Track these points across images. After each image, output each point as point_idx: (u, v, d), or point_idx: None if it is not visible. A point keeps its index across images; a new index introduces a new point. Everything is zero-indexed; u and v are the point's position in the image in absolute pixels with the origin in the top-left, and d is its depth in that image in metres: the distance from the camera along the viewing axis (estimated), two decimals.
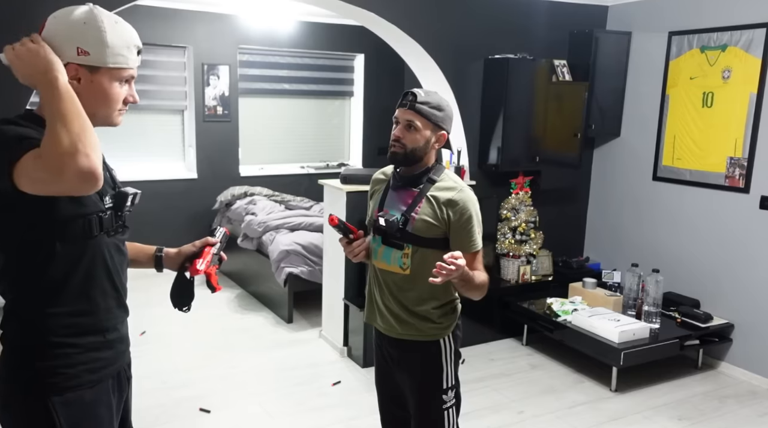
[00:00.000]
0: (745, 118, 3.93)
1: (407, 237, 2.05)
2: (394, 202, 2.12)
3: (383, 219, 2.05)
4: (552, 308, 4.19)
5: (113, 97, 1.46)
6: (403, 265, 2.07)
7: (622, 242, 4.83)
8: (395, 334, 2.13)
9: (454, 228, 2.05)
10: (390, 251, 2.08)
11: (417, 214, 2.05)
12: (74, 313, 1.46)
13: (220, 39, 6.20)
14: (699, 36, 4.19)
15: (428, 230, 2.05)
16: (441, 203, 2.05)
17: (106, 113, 1.48)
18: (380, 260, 2.12)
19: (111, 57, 1.43)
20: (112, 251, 1.53)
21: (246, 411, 3.46)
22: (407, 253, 2.06)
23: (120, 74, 1.46)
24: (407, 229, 2.05)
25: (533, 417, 3.46)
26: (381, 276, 2.14)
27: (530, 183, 4.60)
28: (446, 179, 2.11)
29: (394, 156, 2.08)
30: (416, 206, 2.06)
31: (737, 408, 3.67)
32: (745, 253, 4.00)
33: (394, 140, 2.06)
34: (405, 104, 2.04)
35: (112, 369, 1.55)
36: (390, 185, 2.17)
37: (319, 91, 7.05)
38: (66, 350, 1.45)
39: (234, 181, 6.37)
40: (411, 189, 2.10)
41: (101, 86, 1.44)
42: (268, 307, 5.09)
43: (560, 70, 4.47)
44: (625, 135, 4.78)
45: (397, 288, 2.10)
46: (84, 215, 1.43)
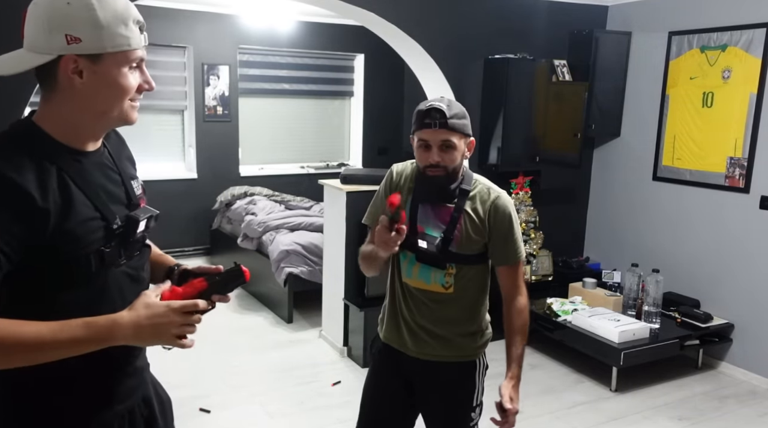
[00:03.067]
0: (745, 118, 3.93)
1: (450, 257, 1.91)
2: (429, 219, 1.94)
3: (425, 243, 1.88)
4: (552, 308, 4.19)
5: (125, 88, 1.23)
6: (446, 284, 1.93)
7: (622, 242, 4.83)
8: (430, 356, 1.97)
9: (495, 238, 1.93)
10: (429, 270, 1.93)
11: (460, 232, 1.91)
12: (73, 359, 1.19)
13: (220, 39, 6.21)
14: (699, 36, 4.19)
15: (472, 247, 1.93)
16: (480, 215, 1.92)
17: (120, 108, 1.24)
18: (416, 279, 1.95)
19: (109, 40, 1.18)
20: (123, 284, 1.30)
21: (246, 411, 3.46)
22: (451, 273, 1.92)
23: (127, 58, 1.21)
24: (450, 249, 1.90)
25: (533, 417, 3.46)
26: (417, 295, 1.97)
27: (530, 183, 4.60)
28: (478, 185, 1.97)
29: (437, 180, 1.88)
30: (457, 224, 1.91)
31: (737, 408, 3.67)
32: (745, 253, 4.00)
33: (432, 165, 1.86)
34: (433, 124, 1.82)
35: (120, 408, 1.34)
36: (416, 198, 1.96)
37: (319, 91, 7.05)
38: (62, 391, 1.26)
39: (234, 181, 6.37)
40: (444, 205, 1.93)
41: (109, 76, 1.20)
42: (268, 307, 5.09)
43: (560, 70, 4.47)
44: (625, 135, 4.78)
45: (439, 308, 1.95)
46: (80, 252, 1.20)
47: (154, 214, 1.37)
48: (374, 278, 3.99)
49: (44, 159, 1.17)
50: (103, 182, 1.29)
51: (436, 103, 1.84)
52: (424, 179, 1.91)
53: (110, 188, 1.30)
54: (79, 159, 1.24)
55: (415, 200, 1.96)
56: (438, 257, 1.90)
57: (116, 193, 1.31)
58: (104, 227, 1.24)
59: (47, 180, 1.16)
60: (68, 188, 1.19)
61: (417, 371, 2.01)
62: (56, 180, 1.18)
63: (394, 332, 2.03)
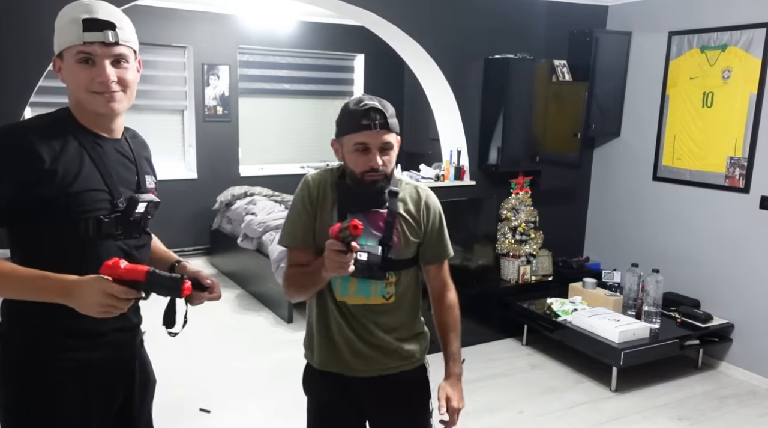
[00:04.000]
0: (745, 118, 3.93)
1: (390, 265, 1.75)
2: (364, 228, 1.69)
3: (365, 254, 1.65)
4: (552, 308, 4.19)
5: (75, 81, 1.40)
6: (387, 294, 1.79)
7: (622, 242, 4.83)
8: (379, 371, 1.83)
9: (429, 238, 1.83)
10: (367, 284, 1.76)
11: (398, 238, 1.76)
12: (57, 311, 1.35)
13: (220, 39, 6.21)
14: (699, 36, 4.19)
15: (409, 250, 1.81)
16: (415, 216, 1.80)
17: (81, 99, 1.42)
18: (354, 296, 1.77)
19: (58, 38, 1.41)
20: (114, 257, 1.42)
21: (246, 411, 3.46)
22: (391, 282, 1.79)
23: (72, 54, 1.39)
24: (390, 256, 1.74)
25: (533, 417, 3.46)
26: (353, 312, 1.79)
27: (530, 183, 4.60)
28: (404, 185, 1.83)
29: (376, 185, 1.70)
30: (393, 229, 1.76)
31: (737, 408, 3.67)
32: (745, 253, 4.00)
33: (372, 170, 1.68)
34: (372, 126, 1.65)
35: (99, 374, 1.49)
36: (343, 204, 1.76)
37: (319, 91, 7.06)
38: (44, 344, 1.43)
39: (234, 181, 6.37)
40: (377, 211, 1.75)
41: (68, 71, 1.41)
42: (268, 307, 5.09)
43: (560, 70, 4.47)
44: (625, 135, 4.78)
45: (381, 320, 1.81)
46: (80, 216, 1.39)
47: (154, 200, 1.51)
48: None
49: (69, 135, 1.41)
50: (117, 166, 1.48)
51: (371, 102, 1.68)
52: (360, 185, 1.72)
53: (122, 172, 1.49)
54: (100, 143, 1.46)
55: (342, 210, 1.75)
56: (378, 268, 1.71)
57: (128, 178, 1.50)
58: (109, 201, 1.43)
59: (64, 149, 1.38)
60: (83, 161, 1.41)
61: (365, 390, 1.85)
62: (75, 152, 1.40)
63: (331, 356, 1.83)
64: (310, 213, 1.79)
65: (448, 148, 4.52)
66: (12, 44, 3.06)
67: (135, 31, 1.47)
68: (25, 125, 1.39)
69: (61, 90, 6.36)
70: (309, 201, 1.80)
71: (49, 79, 4.41)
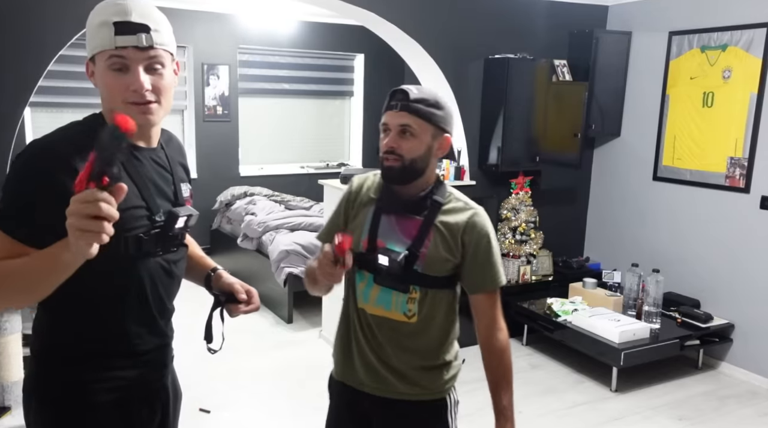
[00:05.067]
0: (746, 118, 3.93)
1: (415, 278, 1.62)
2: (393, 232, 1.65)
3: (386, 259, 1.60)
4: (552, 308, 4.19)
5: (107, 88, 1.29)
6: (408, 312, 1.64)
7: (622, 242, 4.83)
8: (392, 394, 1.68)
9: (470, 260, 1.64)
10: (389, 294, 1.64)
11: (427, 249, 1.62)
12: (98, 334, 1.34)
13: (220, 39, 6.21)
14: (699, 36, 4.18)
15: (441, 268, 1.63)
16: (453, 231, 1.63)
17: (115, 109, 1.28)
18: (374, 305, 1.66)
19: (90, 41, 1.29)
20: (154, 274, 1.38)
21: (246, 411, 3.46)
22: (413, 297, 1.63)
23: (103, 59, 1.27)
24: (415, 268, 1.61)
25: (533, 417, 3.46)
26: (374, 323, 1.67)
27: (530, 183, 4.60)
28: (453, 200, 1.68)
29: (390, 171, 1.61)
30: (425, 240, 1.62)
31: (737, 408, 3.67)
32: (745, 253, 4.00)
33: (387, 151, 1.60)
34: (395, 106, 1.60)
35: (138, 392, 1.44)
36: (380, 208, 1.68)
37: (319, 91, 7.05)
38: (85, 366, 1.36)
39: (234, 181, 6.37)
40: (412, 216, 1.65)
41: (99, 77, 1.30)
42: (268, 307, 5.09)
43: (560, 70, 4.47)
44: (625, 135, 4.78)
45: (400, 340, 1.66)
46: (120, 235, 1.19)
47: (194, 214, 1.45)
48: None
49: None
50: (154, 177, 1.40)
51: (406, 86, 1.62)
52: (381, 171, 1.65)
53: (160, 184, 1.41)
54: (135, 154, 1.36)
55: (378, 210, 1.67)
56: (400, 278, 1.62)
57: (165, 189, 1.42)
58: (147, 216, 1.34)
59: None
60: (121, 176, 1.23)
61: (376, 410, 1.70)
62: None
63: (347, 366, 1.72)
64: (345, 213, 1.75)
65: None
66: (12, 44, 3.06)
67: (173, 32, 1.36)
68: (59, 139, 1.27)
69: (61, 90, 6.33)
70: (347, 201, 1.76)
71: (49, 79, 4.42)
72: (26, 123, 5.58)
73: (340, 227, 1.73)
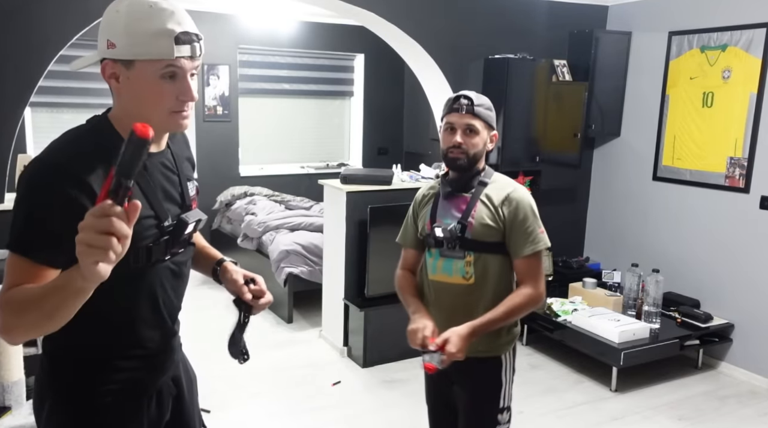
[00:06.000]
0: (745, 118, 3.93)
1: (467, 244, 1.98)
2: (447, 210, 2.05)
3: (440, 229, 1.99)
4: (552, 308, 4.19)
5: (155, 96, 1.26)
6: (466, 274, 1.99)
7: (622, 242, 4.83)
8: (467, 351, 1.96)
9: (509, 230, 1.98)
10: (450, 262, 2.01)
11: (474, 219, 1.98)
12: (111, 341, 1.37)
13: (220, 39, 6.20)
14: (699, 36, 4.19)
15: (487, 233, 1.98)
16: (496, 203, 1.99)
17: (159, 116, 1.27)
18: (440, 273, 2.03)
19: (137, 47, 1.23)
20: (164, 279, 1.41)
21: (246, 411, 3.46)
22: (469, 261, 1.99)
23: (156, 67, 1.24)
24: (466, 236, 1.98)
25: (533, 417, 3.46)
26: (440, 290, 2.04)
27: (530, 183, 4.60)
28: (498, 180, 2.07)
29: (455, 162, 2.00)
30: (471, 211, 1.99)
31: (737, 408, 3.67)
32: (745, 253, 4.00)
33: (454, 146, 1.98)
34: (460, 109, 1.98)
35: (150, 388, 1.47)
36: (440, 195, 2.09)
37: (319, 91, 7.05)
38: (98, 369, 1.38)
39: (234, 181, 6.37)
40: (462, 195, 2.03)
41: (140, 83, 1.25)
42: (268, 307, 5.08)
43: (560, 70, 4.47)
44: (625, 135, 4.78)
45: (461, 300, 2.00)
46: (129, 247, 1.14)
47: (202, 218, 1.48)
48: (374, 278, 4.00)
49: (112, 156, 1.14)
50: (162, 182, 1.39)
51: (467, 92, 2.01)
52: (446, 162, 2.03)
53: (168, 188, 1.40)
54: (145, 162, 1.31)
55: (437, 198, 2.09)
56: (455, 245, 1.98)
57: (172, 193, 1.42)
58: (156, 225, 1.34)
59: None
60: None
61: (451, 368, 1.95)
62: None
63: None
64: (414, 216, 2.15)
65: None
66: (12, 44, 3.06)
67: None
68: (69, 156, 1.22)
69: (61, 90, 6.32)
70: (413, 209, 2.17)
71: (49, 79, 4.42)
72: (26, 123, 5.58)
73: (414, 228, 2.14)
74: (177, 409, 1.60)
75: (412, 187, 4.17)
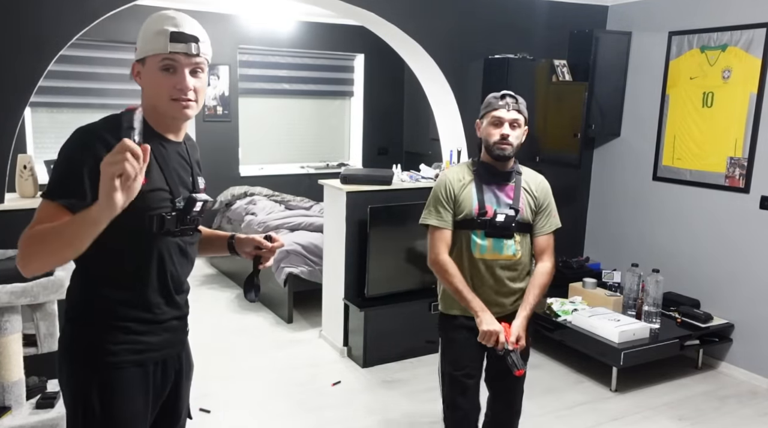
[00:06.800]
0: (745, 118, 3.93)
1: (518, 227, 2.35)
2: (497, 198, 2.38)
3: (502, 216, 2.32)
4: (552, 308, 4.19)
5: (155, 87, 1.52)
6: (516, 252, 2.38)
7: (622, 242, 4.83)
8: (507, 311, 2.42)
9: (542, 211, 2.41)
10: (500, 242, 2.36)
11: (523, 205, 2.37)
12: (122, 301, 1.56)
13: (220, 39, 6.20)
14: (699, 36, 4.19)
15: (530, 216, 2.39)
16: (534, 191, 2.40)
17: (159, 104, 1.53)
18: (490, 252, 2.37)
19: (143, 45, 1.52)
20: (172, 252, 1.61)
21: (246, 411, 3.46)
22: (518, 241, 2.38)
23: (155, 62, 1.50)
24: (517, 219, 2.34)
25: (533, 417, 3.46)
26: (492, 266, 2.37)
27: None
28: (525, 170, 2.46)
29: (503, 152, 2.32)
30: (519, 198, 2.36)
31: (737, 408, 3.67)
32: (745, 253, 4.00)
33: (503, 138, 2.31)
34: (507, 106, 2.33)
35: (155, 355, 1.63)
36: (481, 182, 2.38)
37: (319, 91, 7.06)
38: (110, 329, 1.56)
39: (234, 181, 6.37)
40: (507, 183, 2.39)
41: (148, 77, 1.53)
42: (268, 307, 5.09)
43: (560, 70, 4.47)
44: (625, 135, 4.78)
45: (511, 272, 2.40)
46: (145, 212, 1.51)
47: (209, 200, 1.69)
48: (374, 278, 4.01)
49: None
50: (177, 167, 1.63)
51: (508, 92, 2.37)
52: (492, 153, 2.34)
53: (181, 174, 1.64)
54: (164, 145, 1.59)
55: (479, 184, 2.38)
56: (509, 228, 2.33)
57: (185, 179, 1.65)
58: (170, 199, 1.57)
59: None
60: (151, 163, 1.48)
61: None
62: None
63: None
64: (447, 198, 2.40)
65: (448, 148, 4.52)
66: (12, 44, 3.06)
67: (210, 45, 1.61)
68: (100, 124, 1.50)
69: (61, 90, 6.31)
70: (447, 191, 2.41)
71: (49, 79, 4.42)
72: (26, 123, 5.58)
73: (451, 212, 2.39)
74: (174, 390, 1.73)
75: (412, 187, 4.17)
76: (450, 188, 2.40)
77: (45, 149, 5.70)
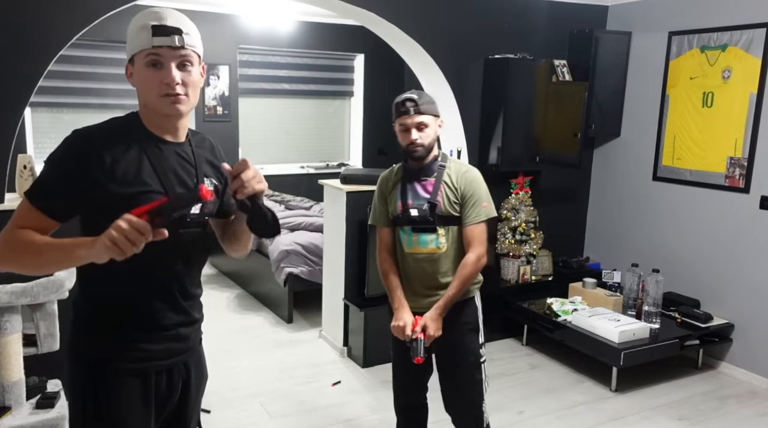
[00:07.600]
0: (745, 118, 3.93)
1: (438, 220, 2.38)
2: (416, 193, 2.42)
3: (415, 210, 2.38)
4: (552, 308, 4.19)
5: (143, 84, 1.49)
6: (440, 245, 2.41)
7: (622, 242, 4.83)
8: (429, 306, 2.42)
9: (463, 202, 2.39)
10: (425, 237, 2.41)
11: (441, 198, 2.38)
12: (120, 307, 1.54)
13: (220, 39, 6.20)
14: (699, 36, 4.19)
15: (452, 209, 2.39)
16: (455, 183, 2.39)
17: (149, 102, 1.50)
18: (416, 246, 2.43)
19: (130, 44, 1.49)
20: (172, 256, 1.54)
21: (246, 411, 3.46)
22: (441, 234, 2.40)
23: (140, 58, 1.48)
24: (437, 213, 2.37)
25: (533, 417, 3.46)
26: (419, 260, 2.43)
27: (530, 183, 4.60)
28: (454, 163, 2.47)
29: (416, 153, 2.37)
30: (438, 192, 2.39)
31: (737, 408, 3.67)
32: (745, 253, 4.00)
33: (411, 143, 2.35)
34: (408, 111, 2.33)
35: (159, 363, 1.58)
36: (404, 180, 2.45)
37: (319, 91, 7.05)
38: (109, 337, 1.54)
39: None
40: (427, 178, 2.42)
41: (137, 74, 1.50)
42: (268, 307, 5.09)
43: (560, 70, 4.47)
44: (625, 135, 4.78)
45: (438, 265, 2.42)
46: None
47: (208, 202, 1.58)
48: (374, 278, 4.00)
49: (133, 139, 1.51)
50: (176, 167, 1.56)
51: (408, 94, 2.36)
52: (408, 156, 2.41)
53: (181, 174, 1.57)
54: (160, 146, 1.54)
55: (404, 183, 2.45)
56: (428, 221, 2.38)
57: (185, 180, 1.57)
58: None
59: (126, 152, 1.48)
60: (142, 163, 1.49)
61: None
62: (135, 155, 1.49)
63: (410, 300, 2.46)
64: (381, 197, 2.50)
65: (448, 148, 4.52)
66: (12, 44, 3.06)
67: (200, 38, 1.56)
68: (96, 130, 1.50)
69: (61, 90, 6.30)
70: (381, 191, 2.52)
71: (49, 79, 4.42)
72: (26, 123, 5.58)
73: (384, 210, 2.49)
74: (181, 397, 1.69)
75: None
76: (382, 188, 2.52)
77: (45, 149, 5.69)
